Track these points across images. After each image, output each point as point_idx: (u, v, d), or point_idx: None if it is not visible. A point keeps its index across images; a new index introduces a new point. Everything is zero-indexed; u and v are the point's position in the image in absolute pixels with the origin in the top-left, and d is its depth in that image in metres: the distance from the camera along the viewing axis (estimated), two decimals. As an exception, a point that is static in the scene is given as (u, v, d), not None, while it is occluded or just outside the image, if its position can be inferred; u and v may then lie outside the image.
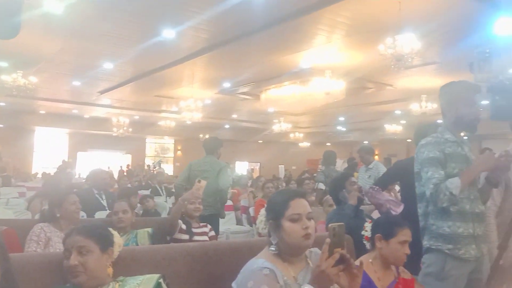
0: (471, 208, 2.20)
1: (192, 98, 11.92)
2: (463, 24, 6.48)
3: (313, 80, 10.27)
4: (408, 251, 2.06)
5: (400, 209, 2.93)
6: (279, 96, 11.88)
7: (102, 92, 12.81)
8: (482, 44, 2.32)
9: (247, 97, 13.29)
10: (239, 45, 7.98)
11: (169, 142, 23.07)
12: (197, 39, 7.75)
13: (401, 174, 3.21)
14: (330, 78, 9.67)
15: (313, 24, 6.95)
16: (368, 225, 2.22)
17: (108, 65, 9.62)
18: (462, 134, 2.45)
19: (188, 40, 7.87)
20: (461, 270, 2.15)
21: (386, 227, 2.12)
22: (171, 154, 23.24)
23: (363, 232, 2.22)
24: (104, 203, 4.78)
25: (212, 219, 4.51)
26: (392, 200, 3.03)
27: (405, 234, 2.09)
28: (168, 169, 20.69)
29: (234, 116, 17.54)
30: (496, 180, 2.22)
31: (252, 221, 6.11)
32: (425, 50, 7.26)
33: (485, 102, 2.43)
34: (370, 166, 5.63)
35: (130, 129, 17.79)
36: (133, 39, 7.77)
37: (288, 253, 1.64)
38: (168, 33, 7.35)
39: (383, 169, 5.38)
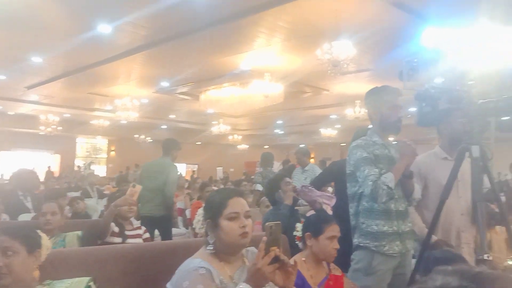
0: (395, 207, 2.35)
1: (128, 96, 11.56)
2: (393, 34, 6.84)
3: (253, 82, 10.36)
4: (337, 245, 2.15)
5: (332, 202, 3.03)
6: (218, 97, 11.83)
7: (29, 88, 12.02)
8: (411, 54, 2.43)
9: (186, 97, 13.12)
10: (179, 44, 7.86)
11: (102, 142, 22.15)
12: (135, 35, 7.51)
13: (336, 175, 3.31)
14: (269, 81, 9.79)
15: (253, 26, 7.01)
16: (299, 226, 2.28)
17: (37, 59, 9.05)
18: (391, 139, 2.59)
19: (126, 36, 7.61)
20: (387, 265, 2.30)
21: (314, 225, 2.21)
22: (104, 154, 22.31)
23: (294, 233, 2.27)
24: (29, 205, 4.51)
25: (162, 221, 4.51)
26: (324, 194, 3.14)
27: (333, 230, 2.18)
28: (101, 170, 19.85)
29: (172, 116, 17.24)
30: (409, 171, 2.35)
31: (188, 223, 6.02)
32: (360, 57, 7.58)
33: (413, 109, 2.57)
34: (306, 168, 5.77)
35: (60, 128, 16.83)
36: (65, 32, 7.37)
37: (225, 252, 1.63)
38: (104, 28, 7.06)
39: (318, 171, 5.53)
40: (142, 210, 4.67)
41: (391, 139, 2.61)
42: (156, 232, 4.55)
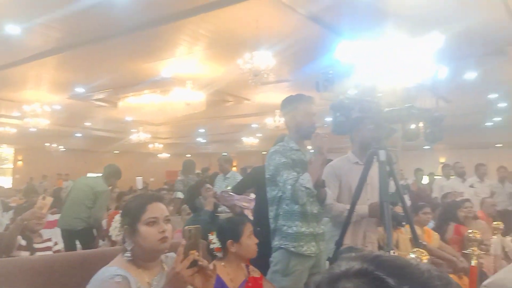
0: (310, 210, 2.48)
1: (39, 102, 10.79)
2: (311, 47, 7.15)
3: (174, 90, 10.22)
4: (256, 240, 2.20)
5: (252, 204, 3.09)
6: (138, 105, 11.50)
7: None
8: (327, 66, 2.58)
9: (103, 104, 12.56)
10: (97, 49, 7.54)
11: (7, 151, 20.39)
12: (47, 37, 7.07)
13: (256, 180, 3.39)
14: (191, 89, 9.73)
15: (175, 33, 6.95)
16: (212, 237, 2.25)
17: None
18: (309, 148, 2.72)
19: (37, 38, 7.13)
20: (304, 265, 2.41)
21: (233, 231, 2.22)
22: (10, 164, 20.55)
23: (211, 246, 2.23)
24: None
25: (83, 234, 4.45)
26: (243, 197, 3.19)
27: (249, 227, 2.24)
28: (6, 181, 18.26)
29: (88, 124, 16.39)
30: (321, 181, 2.49)
31: (104, 234, 5.75)
32: (279, 68, 7.82)
33: (329, 119, 2.72)
34: (228, 175, 5.81)
35: (-41, 135, 15.28)
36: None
37: (143, 258, 1.59)
38: (12, 29, 6.56)
39: (240, 178, 5.59)
40: (61, 222, 4.63)
41: (309, 147, 2.74)
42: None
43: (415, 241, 2.41)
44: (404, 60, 2.88)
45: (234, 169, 10.80)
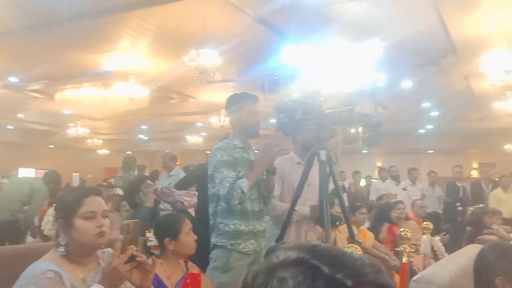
0: (251, 207, 2.50)
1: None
2: (257, 49, 7.22)
3: (116, 84, 9.90)
4: (195, 236, 2.19)
5: (194, 199, 3.07)
6: (77, 98, 11.02)
7: None
8: (272, 69, 2.63)
9: (39, 95, 11.90)
10: (33, 36, 7.13)
11: None
12: (-23, 21, 6.61)
13: (200, 177, 3.37)
14: (134, 84, 9.47)
15: (119, 26, 6.73)
16: (149, 234, 2.21)
17: None
18: (254, 148, 2.75)
19: (-34, 22, 6.64)
20: (243, 262, 2.43)
21: (171, 228, 2.19)
22: None
23: (148, 243, 2.19)
24: None
25: (11, 226, 4.44)
26: (185, 192, 3.16)
27: (187, 224, 2.21)
28: None
29: (21, 115, 15.46)
30: (273, 168, 2.54)
31: (36, 231, 5.46)
32: (226, 67, 7.82)
33: (273, 121, 2.77)
34: (172, 173, 5.73)
35: None
36: None
37: (78, 253, 1.53)
38: None
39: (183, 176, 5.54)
40: None
41: (254, 147, 2.77)
42: None
43: (352, 239, 2.52)
44: (346, 65, 2.99)
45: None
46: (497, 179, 7.70)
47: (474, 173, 15.42)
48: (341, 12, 5.60)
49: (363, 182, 10.43)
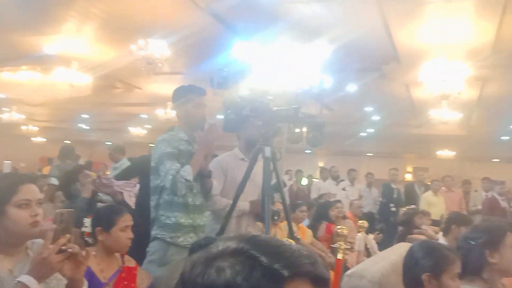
0: (193, 201, 2.49)
1: None
2: (208, 43, 7.17)
3: (57, 69, 9.41)
4: (131, 235, 2.13)
5: (135, 189, 2.99)
6: (13, 81, 10.37)
7: None
8: (223, 64, 2.62)
9: (-30, 77, 11.10)
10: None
11: None
12: None
13: (142, 169, 3.29)
14: (77, 70, 9.07)
15: (64, 8, 6.40)
16: (87, 220, 2.17)
17: None
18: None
19: None
20: (180, 256, 2.42)
21: (105, 219, 2.12)
22: None
23: (83, 229, 2.15)
24: None
25: None
26: (125, 183, 3.07)
27: (125, 220, 2.13)
28: None
29: None
30: (208, 171, 2.53)
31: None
32: (175, 59, 7.69)
33: (221, 117, 2.76)
34: (117, 165, 5.57)
35: None
36: None
37: (7, 243, 1.45)
38: None
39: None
40: None
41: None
42: None
43: (291, 235, 2.57)
44: (294, 66, 3.04)
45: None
46: (429, 183, 8.18)
47: (409, 177, 16.27)
48: (291, 12, 5.67)
49: (305, 181, 10.67)
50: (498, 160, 15.70)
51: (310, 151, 16.41)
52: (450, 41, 6.18)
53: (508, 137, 14.33)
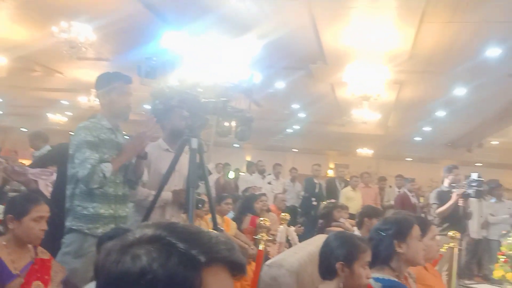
0: (114, 191, 2.41)
1: None
2: (136, 30, 6.94)
3: (-34, 47, 8.61)
4: (45, 227, 2.02)
5: (53, 176, 2.84)
6: None
7: None
8: (152, 52, 2.57)
9: None
10: None
11: None
12: None
13: (60, 157, 3.13)
14: (-10, 50, 8.36)
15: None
16: (0, 208, 2.05)
17: None
18: (124, 132, 2.65)
19: None
20: None
21: (18, 206, 2.01)
22: None
23: None
24: None
25: None
26: (40, 170, 2.90)
27: (40, 210, 2.03)
28: None
29: None
30: (144, 152, 2.49)
31: None
32: (100, 45, 7.36)
33: (148, 107, 2.70)
34: (37, 153, 5.23)
35: None
36: None
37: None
38: None
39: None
40: None
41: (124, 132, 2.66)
42: None
43: (215, 227, 2.60)
44: (225, 59, 3.06)
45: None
46: (349, 179, 8.61)
47: (330, 172, 17.00)
48: (222, 5, 5.68)
49: (231, 175, 10.74)
50: (411, 159, 16.90)
51: (238, 145, 16.54)
52: (372, 45, 6.52)
53: (420, 138, 15.52)
